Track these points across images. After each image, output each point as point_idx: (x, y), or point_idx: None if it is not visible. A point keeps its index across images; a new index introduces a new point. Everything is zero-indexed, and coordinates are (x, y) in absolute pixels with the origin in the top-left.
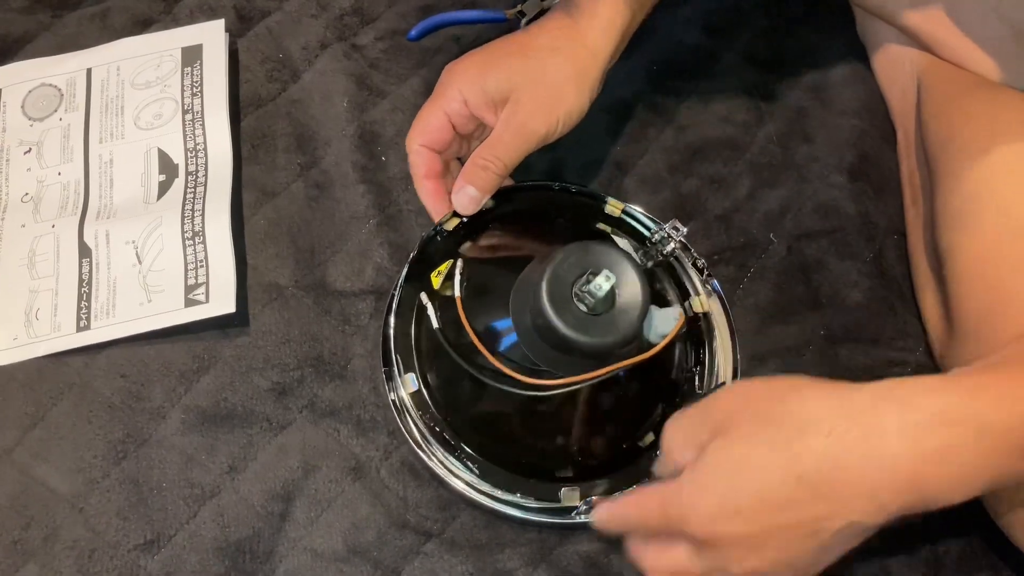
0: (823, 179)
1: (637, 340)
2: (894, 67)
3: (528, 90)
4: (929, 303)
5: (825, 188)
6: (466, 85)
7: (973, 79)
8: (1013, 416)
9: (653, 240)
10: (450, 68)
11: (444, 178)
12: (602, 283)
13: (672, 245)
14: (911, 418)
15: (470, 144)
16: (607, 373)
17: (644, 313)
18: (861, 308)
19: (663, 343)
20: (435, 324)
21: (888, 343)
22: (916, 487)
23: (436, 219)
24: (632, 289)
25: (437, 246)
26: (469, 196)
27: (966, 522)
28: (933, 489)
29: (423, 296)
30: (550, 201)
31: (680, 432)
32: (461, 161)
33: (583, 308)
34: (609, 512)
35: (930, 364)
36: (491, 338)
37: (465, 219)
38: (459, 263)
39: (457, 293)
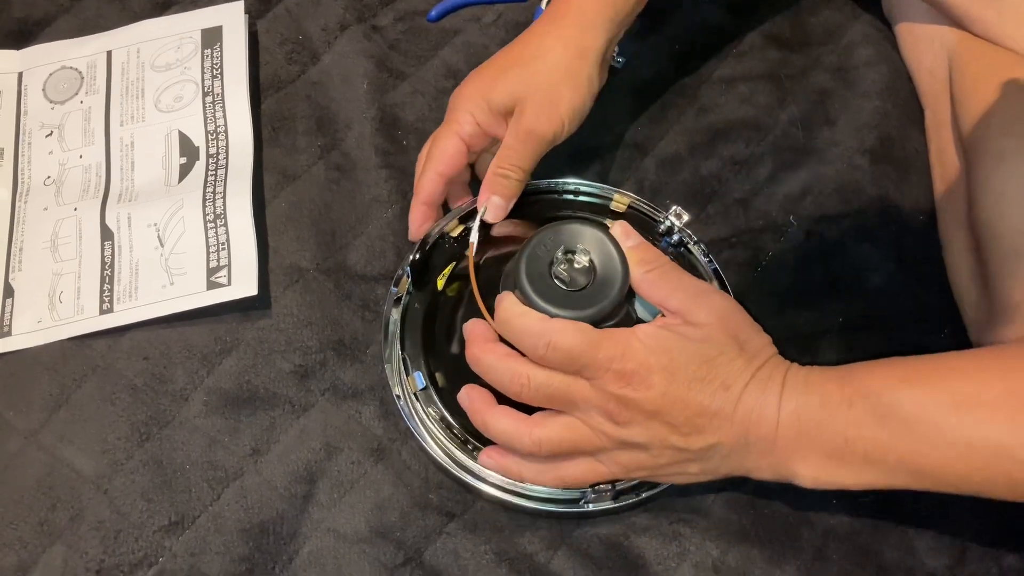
0: (845, 161)
1: (623, 316)
2: (922, 45)
3: (529, 97)
4: (964, 284)
5: (847, 170)
6: (474, 105)
7: (1008, 55)
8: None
9: (660, 231)
10: (457, 93)
11: (439, 205)
12: (576, 257)
13: (678, 235)
14: (792, 387)
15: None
16: None
17: (624, 285)
18: (881, 293)
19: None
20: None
21: (908, 328)
22: (777, 445)
23: (415, 238)
24: (610, 262)
25: (442, 250)
26: (495, 204)
27: (993, 508)
28: (787, 452)
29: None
30: (554, 205)
31: (679, 292)
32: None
33: (562, 285)
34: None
35: (951, 348)
36: None
37: (470, 225)
38: (480, 219)
39: (473, 239)
